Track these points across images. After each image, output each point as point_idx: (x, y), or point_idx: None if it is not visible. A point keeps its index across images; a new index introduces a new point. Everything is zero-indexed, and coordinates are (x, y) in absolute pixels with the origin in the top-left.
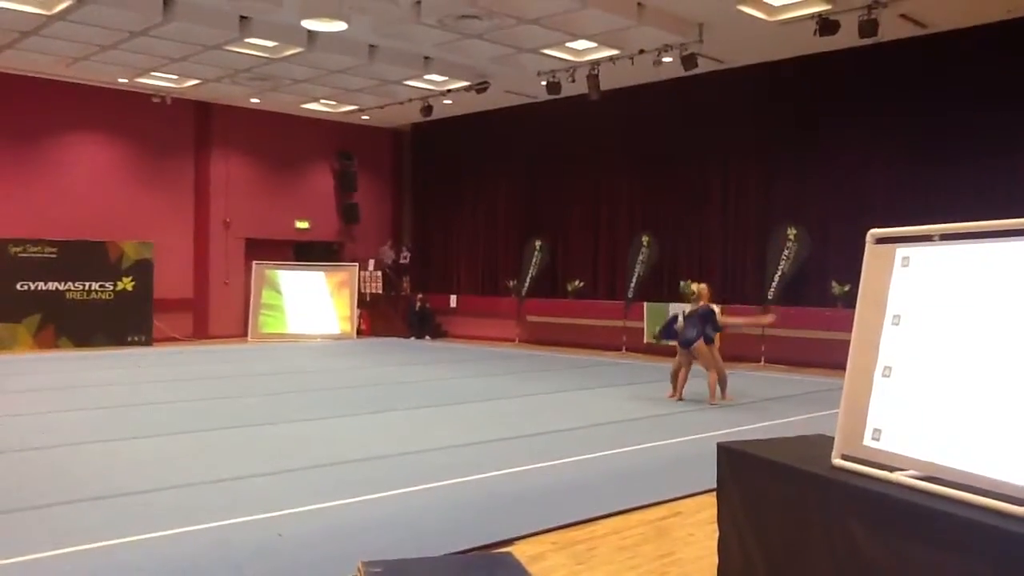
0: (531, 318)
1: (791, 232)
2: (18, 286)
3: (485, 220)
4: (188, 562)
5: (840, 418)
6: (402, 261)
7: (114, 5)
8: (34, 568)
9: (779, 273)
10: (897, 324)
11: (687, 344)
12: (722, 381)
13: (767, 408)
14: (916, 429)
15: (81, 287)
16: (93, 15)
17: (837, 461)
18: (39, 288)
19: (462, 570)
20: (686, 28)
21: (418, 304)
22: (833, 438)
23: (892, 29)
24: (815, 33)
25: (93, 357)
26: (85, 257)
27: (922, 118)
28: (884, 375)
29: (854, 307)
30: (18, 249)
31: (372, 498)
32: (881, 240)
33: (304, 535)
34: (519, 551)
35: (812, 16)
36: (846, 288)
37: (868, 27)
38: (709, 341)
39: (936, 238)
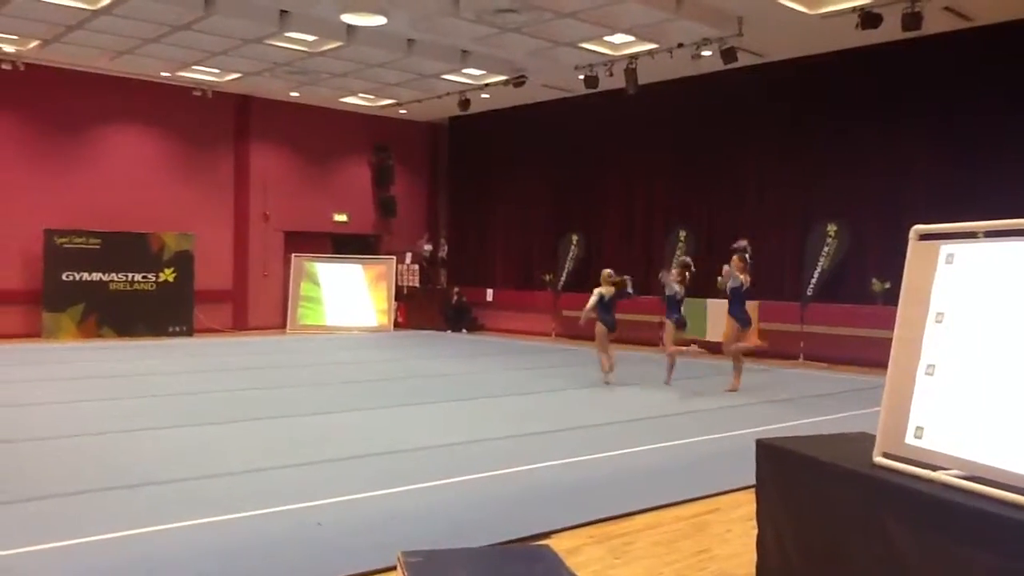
0: (567, 312)
1: (831, 228)
2: (63, 276)
3: (521, 214)
4: (229, 549)
5: (882, 416)
6: (439, 254)
7: None
8: (80, 552)
9: (818, 270)
10: (941, 322)
11: (614, 327)
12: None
13: (806, 405)
14: (960, 428)
15: (124, 278)
16: (136, 9)
17: (878, 459)
18: (83, 278)
19: (500, 561)
20: (725, 21)
21: (454, 297)
22: (874, 436)
23: (936, 22)
24: (857, 27)
25: (135, 347)
26: (128, 248)
27: (966, 113)
28: (927, 373)
29: (895, 304)
30: (63, 240)
31: (411, 489)
32: (925, 236)
33: (343, 524)
34: (556, 544)
35: (854, 9)
36: (887, 285)
37: (911, 20)
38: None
39: (981, 235)
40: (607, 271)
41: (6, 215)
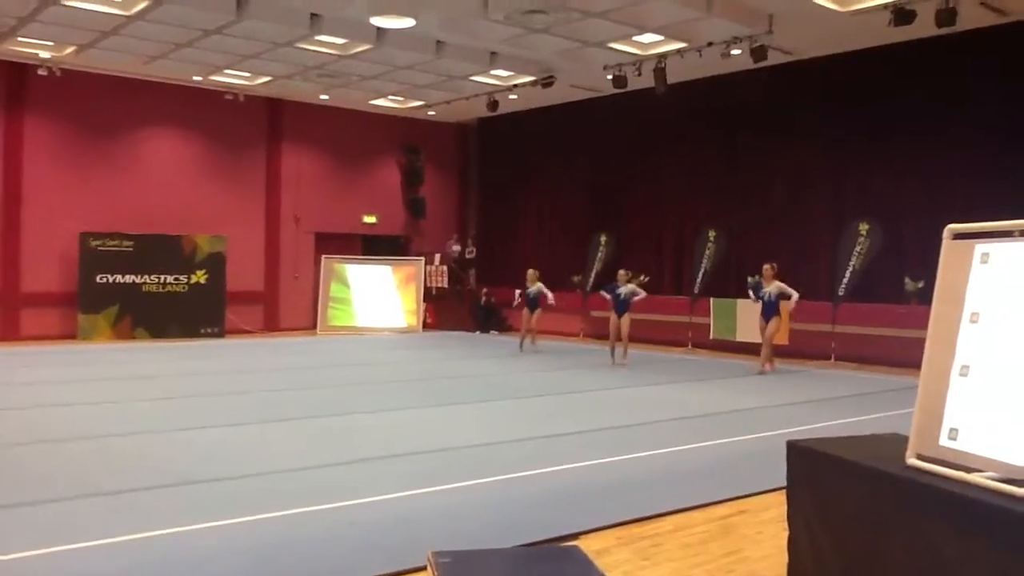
0: (596, 313)
1: (863, 227)
2: (97, 278)
3: (550, 215)
4: (261, 548)
5: (915, 417)
6: (467, 255)
7: (189, 4)
8: (113, 551)
9: (850, 269)
10: (975, 322)
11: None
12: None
13: (837, 406)
14: (995, 429)
15: (157, 280)
16: (169, 15)
17: (912, 460)
18: (117, 280)
19: (530, 562)
20: (756, 20)
21: (483, 298)
22: (906, 437)
23: (971, 18)
24: (889, 23)
25: (168, 348)
26: (161, 250)
27: (1001, 109)
28: (961, 374)
29: (928, 304)
30: (97, 243)
31: (440, 489)
32: (959, 236)
33: (375, 524)
34: (584, 545)
35: (886, 6)
36: (920, 285)
37: (946, 16)
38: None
39: (1017, 234)
40: (532, 271)
41: (42, 219)
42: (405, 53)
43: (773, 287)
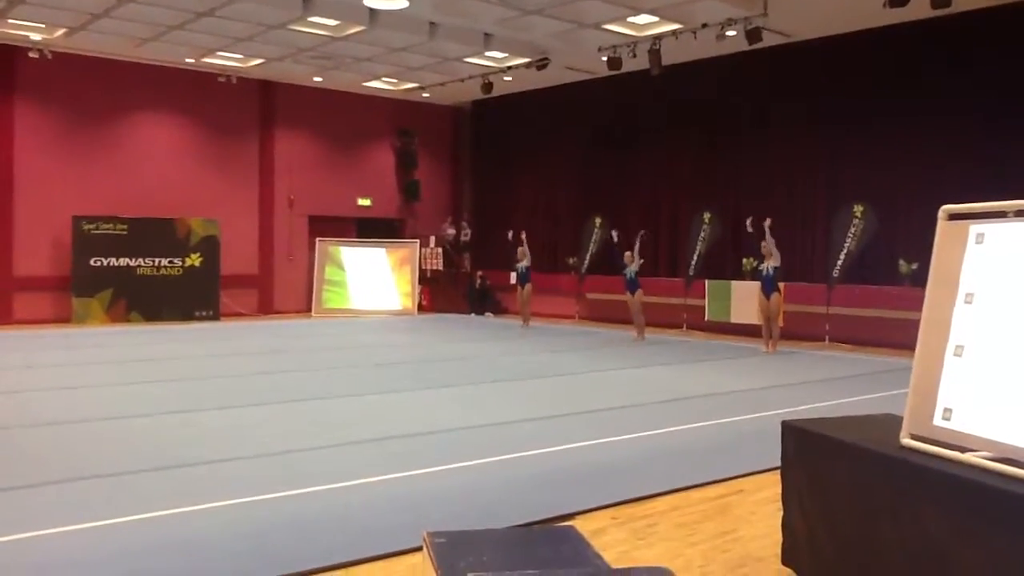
0: (591, 295)
1: (857, 209)
2: (91, 262)
3: (545, 197)
4: (258, 530)
5: (909, 397)
6: (462, 238)
7: None
8: (111, 532)
9: (845, 251)
10: (970, 303)
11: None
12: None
13: (832, 387)
14: (989, 409)
15: (151, 263)
16: None
17: (906, 441)
18: (111, 264)
19: (525, 542)
20: (751, 1)
21: (478, 281)
22: (901, 418)
23: None
24: (884, 5)
25: (163, 331)
26: (154, 234)
27: (996, 90)
28: (956, 354)
29: (922, 285)
30: (91, 226)
31: (436, 471)
32: (954, 216)
33: (370, 506)
34: (579, 525)
35: None
36: (914, 266)
37: None
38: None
39: (1011, 214)
40: (521, 248)
41: (34, 203)
42: (398, 35)
43: (771, 261)
